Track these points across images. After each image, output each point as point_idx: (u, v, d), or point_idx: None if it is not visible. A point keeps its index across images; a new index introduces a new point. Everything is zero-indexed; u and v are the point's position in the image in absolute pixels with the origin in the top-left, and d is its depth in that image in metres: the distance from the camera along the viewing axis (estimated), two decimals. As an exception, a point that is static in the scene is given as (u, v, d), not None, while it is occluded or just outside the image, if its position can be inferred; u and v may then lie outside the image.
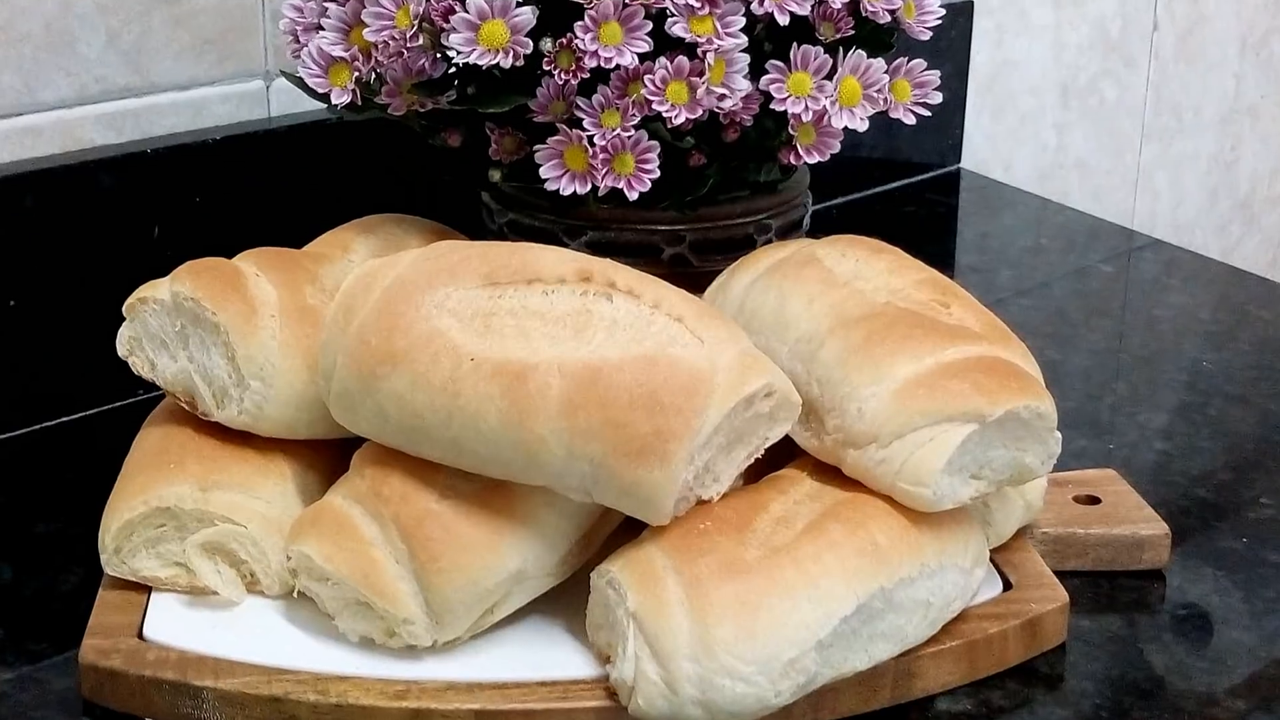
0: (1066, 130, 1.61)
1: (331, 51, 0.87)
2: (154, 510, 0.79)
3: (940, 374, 0.76)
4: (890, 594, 0.74)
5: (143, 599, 0.79)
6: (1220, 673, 0.80)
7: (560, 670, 0.74)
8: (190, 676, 0.74)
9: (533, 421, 0.72)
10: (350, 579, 0.74)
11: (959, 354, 0.77)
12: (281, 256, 0.86)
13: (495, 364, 0.73)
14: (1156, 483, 0.96)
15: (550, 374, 0.72)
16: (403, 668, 0.74)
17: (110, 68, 1.02)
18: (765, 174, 0.93)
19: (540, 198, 0.90)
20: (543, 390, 0.72)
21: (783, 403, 0.75)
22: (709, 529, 0.73)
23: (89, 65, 1.01)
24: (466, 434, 0.73)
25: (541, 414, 0.72)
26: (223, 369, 0.81)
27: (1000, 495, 0.82)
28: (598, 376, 0.71)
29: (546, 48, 0.84)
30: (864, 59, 0.88)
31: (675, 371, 0.72)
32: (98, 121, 1.02)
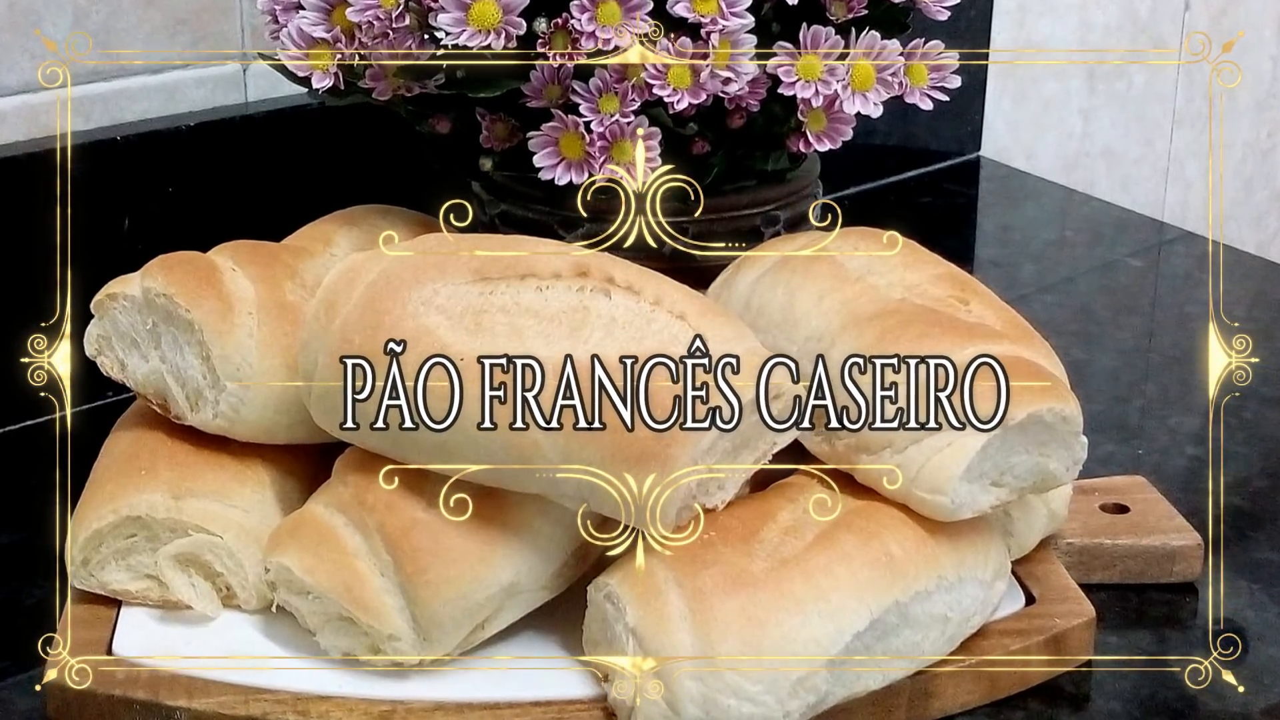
0: (1093, 116, 1.61)
1: (312, 32, 0.87)
2: (124, 519, 0.79)
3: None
4: (906, 608, 0.74)
5: (112, 614, 0.79)
6: (1257, 692, 0.80)
7: (555, 689, 0.75)
8: (162, 696, 0.74)
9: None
10: (332, 592, 0.74)
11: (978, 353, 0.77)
12: (259, 250, 0.86)
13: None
14: (1188, 490, 0.96)
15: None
16: (388, 687, 0.74)
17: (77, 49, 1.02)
18: (773, 163, 0.93)
19: (534, 188, 0.90)
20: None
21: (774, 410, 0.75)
22: (713, 539, 0.73)
23: (56, 48, 1.01)
24: (456, 439, 0.73)
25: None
26: (197, 369, 0.81)
27: (1022, 504, 0.82)
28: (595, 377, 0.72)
29: (541, 29, 0.84)
30: (878, 40, 0.88)
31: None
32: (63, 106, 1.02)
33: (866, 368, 0.76)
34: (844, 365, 0.76)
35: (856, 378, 0.75)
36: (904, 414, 0.75)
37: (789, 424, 0.75)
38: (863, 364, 0.76)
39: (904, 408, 0.75)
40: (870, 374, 0.75)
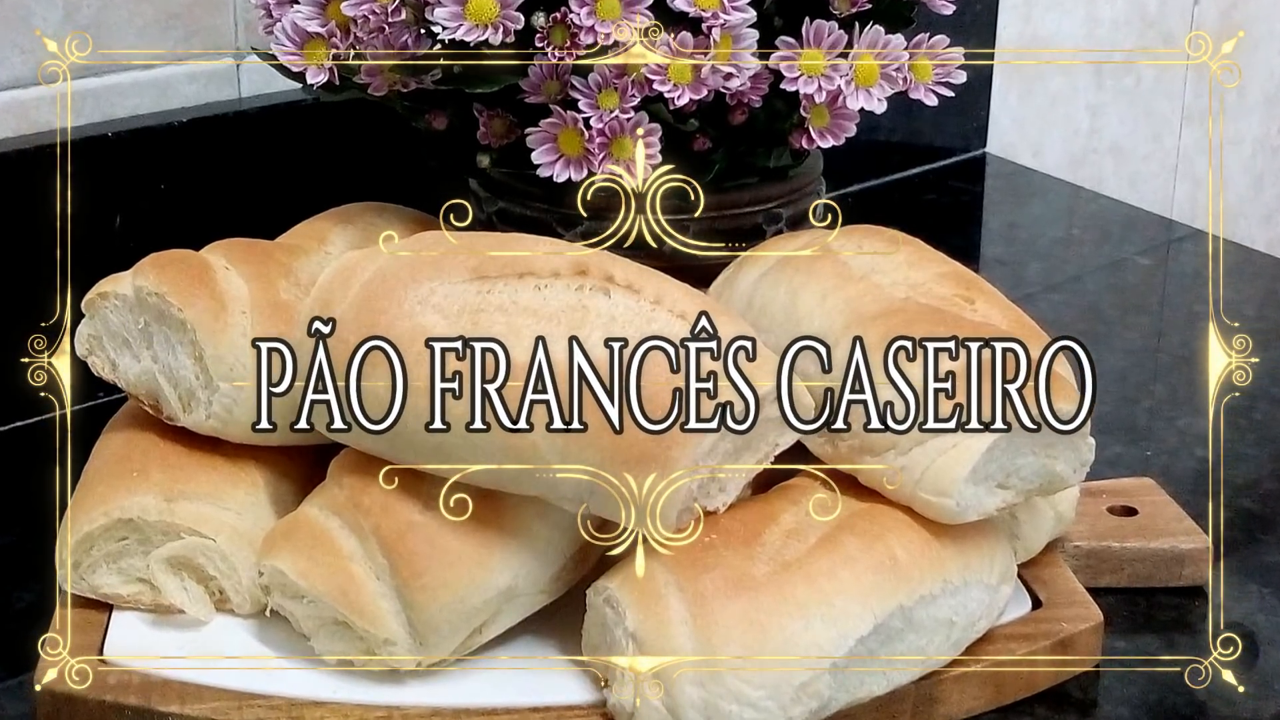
0: (1101, 112, 1.61)
1: (307, 27, 0.87)
2: (115, 522, 0.79)
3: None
4: (910, 613, 0.74)
5: (103, 618, 0.79)
6: (1267, 698, 0.80)
7: (554, 695, 0.75)
8: (154, 702, 0.74)
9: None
10: (327, 596, 0.74)
11: (1056, 338, 0.77)
12: (253, 248, 0.86)
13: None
14: (1197, 492, 0.96)
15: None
16: (384, 692, 0.74)
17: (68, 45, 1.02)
18: (775, 159, 0.93)
19: (532, 185, 0.90)
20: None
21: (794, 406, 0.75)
22: (714, 542, 0.73)
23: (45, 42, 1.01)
24: (453, 440, 0.73)
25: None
26: (190, 369, 0.81)
27: (1029, 506, 0.82)
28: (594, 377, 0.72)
29: (539, 23, 0.84)
30: (882, 35, 0.88)
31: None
32: (55, 103, 1.02)
33: (916, 353, 0.70)
34: (888, 350, 0.72)
35: (904, 365, 0.71)
36: (963, 410, 0.70)
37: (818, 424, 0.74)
38: (911, 349, 0.70)
39: (963, 403, 0.70)
40: (920, 360, 0.70)
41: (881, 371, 0.74)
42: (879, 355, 0.76)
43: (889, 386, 0.74)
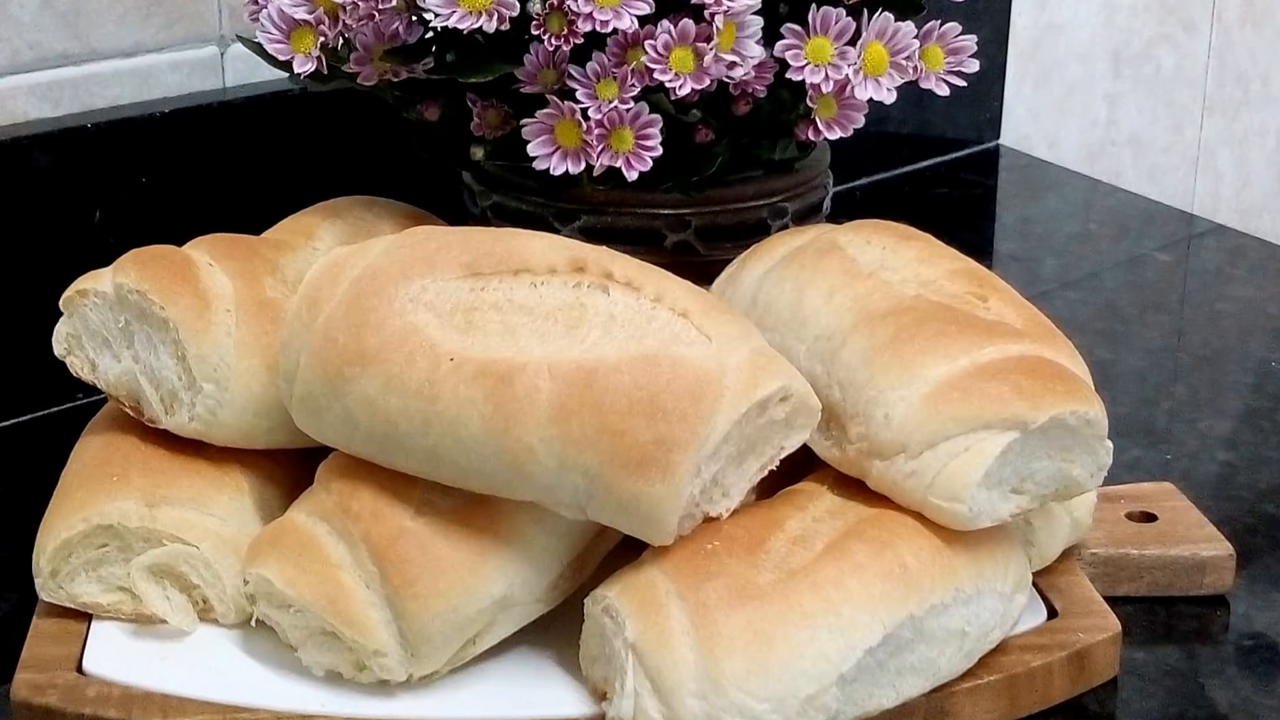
0: (1118, 102, 1.61)
1: (294, 14, 0.88)
2: (95, 529, 0.79)
3: (977, 376, 0.76)
4: (921, 622, 0.74)
5: (82, 628, 0.79)
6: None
7: (550, 708, 0.75)
8: (136, 715, 0.74)
9: (520, 429, 0.72)
10: (315, 606, 0.74)
11: (997, 353, 0.77)
12: (238, 244, 0.86)
13: (478, 364, 0.73)
14: (1219, 498, 0.96)
15: (539, 375, 0.72)
16: (374, 705, 0.74)
17: (46, 32, 1.02)
18: (780, 151, 0.93)
19: (528, 178, 0.90)
20: (531, 394, 0.72)
21: (800, 408, 0.75)
22: (717, 549, 0.73)
23: (22, 29, 1.01)
24: (446, 443, 0.73)
25: (530, 420, 0.72)
26: (172, 370, 0.81)
27: (1044, 512, 0.82)
28: (592, 378, 0.72)
29: (535, 9, 0.84)
30: (891, 22, 0.88)
31: (679, 373, 0.72)
32: (31, 92, 1.02)
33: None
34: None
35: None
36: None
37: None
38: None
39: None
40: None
41: (889, 374, 0.74)
42: (887, 355, 0.77)
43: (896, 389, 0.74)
